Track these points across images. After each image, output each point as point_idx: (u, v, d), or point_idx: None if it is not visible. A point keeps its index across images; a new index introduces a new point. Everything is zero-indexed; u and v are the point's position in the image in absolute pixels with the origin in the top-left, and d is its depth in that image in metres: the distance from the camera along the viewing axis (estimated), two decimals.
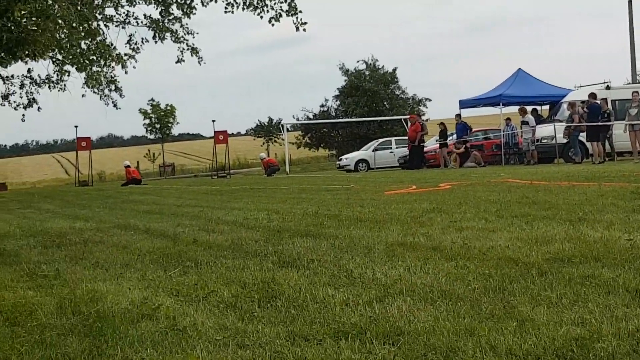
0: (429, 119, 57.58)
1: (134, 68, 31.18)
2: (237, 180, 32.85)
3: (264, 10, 25.88)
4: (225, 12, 26.45)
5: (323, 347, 3.64)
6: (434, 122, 43.61)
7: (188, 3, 28.27)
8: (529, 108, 32.65)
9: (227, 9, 26.42)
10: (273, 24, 25.84)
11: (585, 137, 27.49)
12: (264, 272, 5.73)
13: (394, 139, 44.55)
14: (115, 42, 33.34)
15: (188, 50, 29.90)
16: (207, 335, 3.97)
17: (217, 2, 27.04)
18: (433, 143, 37.24)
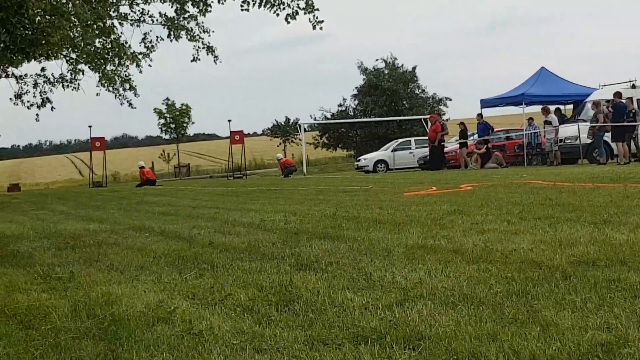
0: (450, 119, 57.53)
1: (150, 67, 31.30)
2: (253, 181, 32.88)
3: (280, 8, 25.90)
4: (242, 9, 26.46)
5: (342, 351, 3.64)
6: (455, 121, 43.50)
7: (204, 0, 28.35)
8: (552, 107, 32.47)
9: (243, 7, 26.44)
10: (289, 22, 25.87)
11: (610, 137, 27.32)
12: (282, 275, 5.73)
13: (414, 139, 44.47)
14: (130, 40, 33.43)
15: (204, 49, 30.01)
16: (223, 340, 3.98)
17: None
18: (453, 143, 37.16)
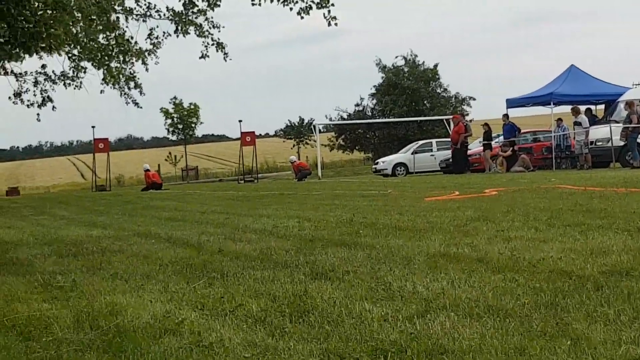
0: (473, 120, 57.43)
1: (156, 65, 31.32)
2: (265, 185, 32.94)
3: (293, 2, 25.87)
4: (253, 4, 26.46)
5: None
6: (478, 122, 43.42)
7: None
8: (583, 108, 32.36)
9: (254, 1, 26.45)
10: (302, 17, 25.84)
11: None
12: (296, 284, 5.73)
13: (435, 141, 44.48)
14: (136, 36, 33.42)
15: (213, 45, 29.99)
16: (234, 352, 3.98)
17: None
18: (476, 145, 37.08)
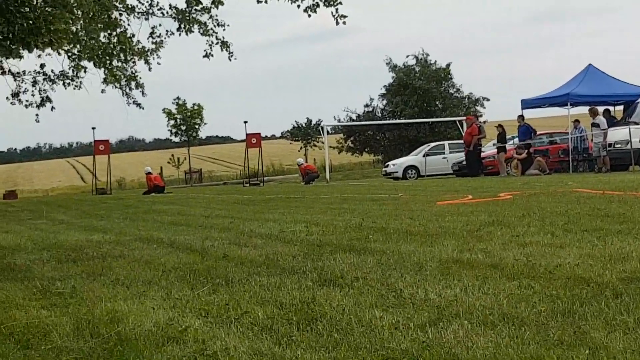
0: (487, 121, 57.34)
1: (158, 65, 31.30)
2: (271, 189, 32.95)
3: None
4: (258, 2, 26.45)
5: None
6: (492, 124, 43.37)
7: None
8: (601, 108, 32.29)
9: None
10: (309, 15, 25.82)
11: None
12: (303, 291, 5.73)
13: (447, 143, 44.45)
14: (137, 35, 33.40)
15: (217, 44, 29.99)
16: None
17: None
18: (490, 148, 37.04)
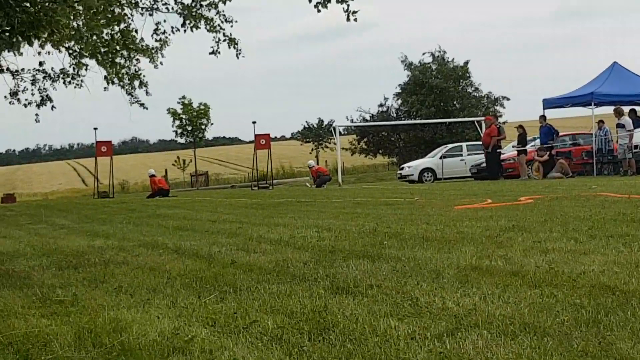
0: (507, 121, 57.36)
1: (161, 64, 31.25)
2: (281, 192, 32.95)
3: None
4: None
5: None
6: (512, 124, 43.31)
7: None
8: (626, 108, 32.24)
9: None
10: (319, 10, 25.76)
11: None
12: (315, 299, 5.73)
13: (465, 145, 44.38)
14: (141, 31, 33.39)
15: (225, 41, 29.96)
16: None
17: None
18: (510, 149, 36.97)
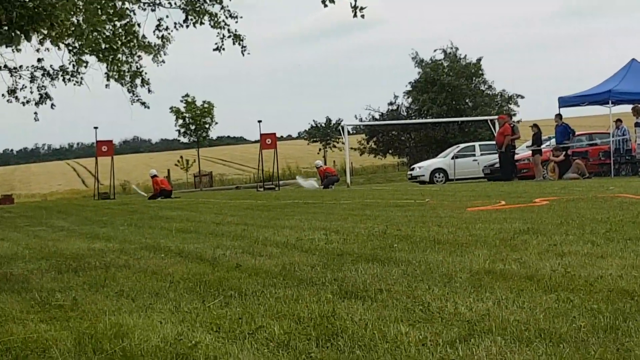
0: (521, 120, 57.31)
1: (163, 62, 31.23)
2: (287, 193, 32.98)
3: None
4: None
5: None
6: (527, 123, 43.27)
7: None
8: None
9: None
10: (326, 5, 25.74)
11: None
12: (323, 304, 5.73)
13: (478, 144, 44.37)
14: (143, 27, 33.37)
15: (230, 37, 29.97)
16: None
17: None
18: (524, 149, 36.93)
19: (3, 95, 32.01)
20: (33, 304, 6.65)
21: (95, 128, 43.61)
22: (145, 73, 31.68)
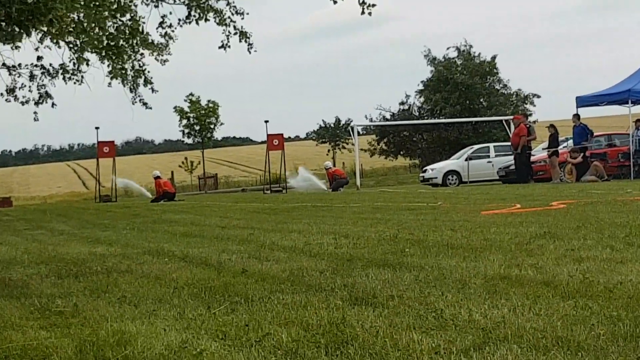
0: (537, 121, 57.25)
1: (167, 61, 31.20)
2: (295, 196, 32.96)
3: None
4: None
5: None
6: (543, 124, 43.23)
7: None
8: None
9: None
10: (335, 1, 25.75)
11: None
12: (332, 310, 5.73)
13: (493, 145, 44.31)
14: (147, 22, 33.33)
15: (235, 34, 29.95)
16: None
17: None
18: (540, 151, 36.91)
19: (2, 95, 32.01)
20: (32, 310, 6.66)
21: (97, 128, 43.68)
22: (148, 72, 31.65)
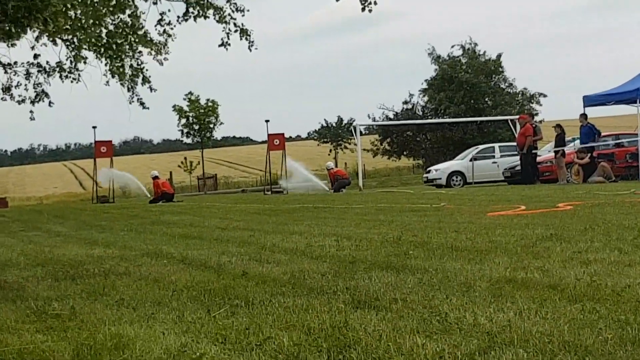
0: (544, 120, 57.24)
1: (166, 60, 31.20)
2: (296, 197, 32.96)
3: None
4: None
5: None
6: (550, 123, 43.22)
7: None
8: None
9: None
10: None
11: None
12: (334, 314, 5.73)
13: (498, 146, 44.31)
14: (146, 20, 33.34)
15: (236, 32, 29.93)
16: None
17: None
18: (547, 151, 36.90)
19: None
20: (29, 313, 6.66)
21: (94, 127, 43.74)
22: (147, 70, 31.60)
